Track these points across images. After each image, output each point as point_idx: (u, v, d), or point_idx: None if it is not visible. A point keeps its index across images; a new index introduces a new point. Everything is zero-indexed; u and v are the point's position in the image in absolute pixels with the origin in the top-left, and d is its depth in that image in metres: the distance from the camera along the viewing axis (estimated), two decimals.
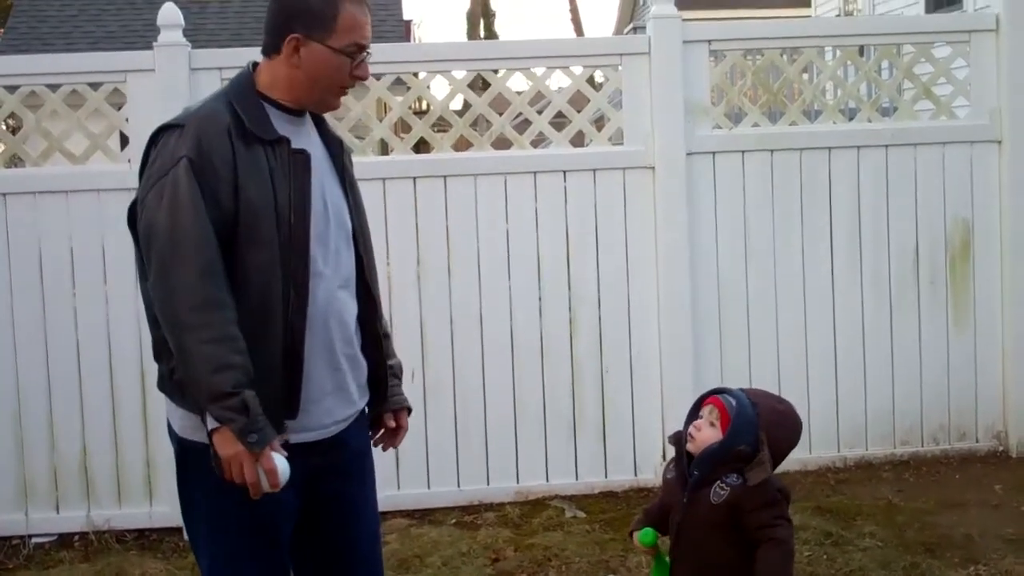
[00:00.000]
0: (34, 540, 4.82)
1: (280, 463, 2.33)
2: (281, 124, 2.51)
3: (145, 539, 4.82)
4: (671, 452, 2.98)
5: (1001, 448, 5.45)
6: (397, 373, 2.80)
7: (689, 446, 2.85)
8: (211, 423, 2.35)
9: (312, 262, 2.47)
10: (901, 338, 5.39)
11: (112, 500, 4.91)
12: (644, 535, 2.90)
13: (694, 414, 2.90)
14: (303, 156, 2.49)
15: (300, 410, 2.47)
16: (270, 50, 2.55)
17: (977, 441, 5.47)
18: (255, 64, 2.60)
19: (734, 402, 2.83)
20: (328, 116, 2.76)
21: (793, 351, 5.32)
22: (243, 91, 2.53)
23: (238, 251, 2.41)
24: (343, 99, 5.10)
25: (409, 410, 2.81)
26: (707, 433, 2.82)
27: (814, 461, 5.28)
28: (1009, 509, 4.76)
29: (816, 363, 5.34)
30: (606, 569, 4.27)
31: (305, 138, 2.57)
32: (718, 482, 2.78)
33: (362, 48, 2.55)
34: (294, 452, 2.47)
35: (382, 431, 2.78)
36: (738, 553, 2.79)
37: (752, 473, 2.77)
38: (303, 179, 2.47)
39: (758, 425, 2.82)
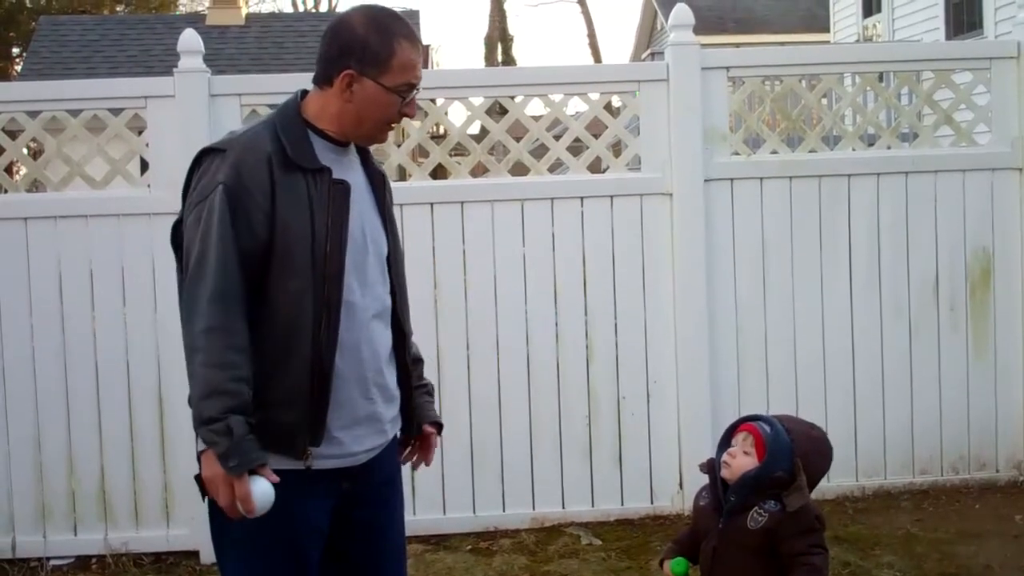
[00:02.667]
0: (52, 562, 4.84)
1: (259, 490, 2.33)
2: (325, 154, 2.54)
3: (162, 562, 4.83)
4: (691, 479, 3.00)
5: (1022, 478, 5.39)
6: (430, 392, 2.84)
7: (724, 473, 2.87)
8: (200, 444, 2.40)
9: (347, 291, 2.50)
10: (920, 366, 5.36)
11: (130, 523, 4.92)
12: (676, 564, 2.91)
13: (726, 442, 2.92)
14: (343, 187, 2.51)
15: (328, 436, 2.49)
16: (321, 80, 2.57)
17: (997, 471, 5.41)
18: (304, 92, 2.62)
19: (769, 429, 2.85)
20: None
21: (811, 378, 5.29)
22: (289, 119, 2.55)
23: (271, 277, 2.44)
24: None
25: (440, 427, 2.84)
26: (742, 460, 2.85)
27: (832, 490, 5.23)
28: None
29: (834, 391, 5.31)
30: None
31: (348, 169, 2.59)
32: (756, 508, 2.81)
33: (413, 87, 2.57)
34: (324, 477, 2.50)
35: (409, 448, 2.80)
36: (773, 572, 2.83)
37: (791, 499, 2.81)
38: (342, 209, 2.50)
39: (793, 451, 2.85)
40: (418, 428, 2.78)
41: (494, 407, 5.10)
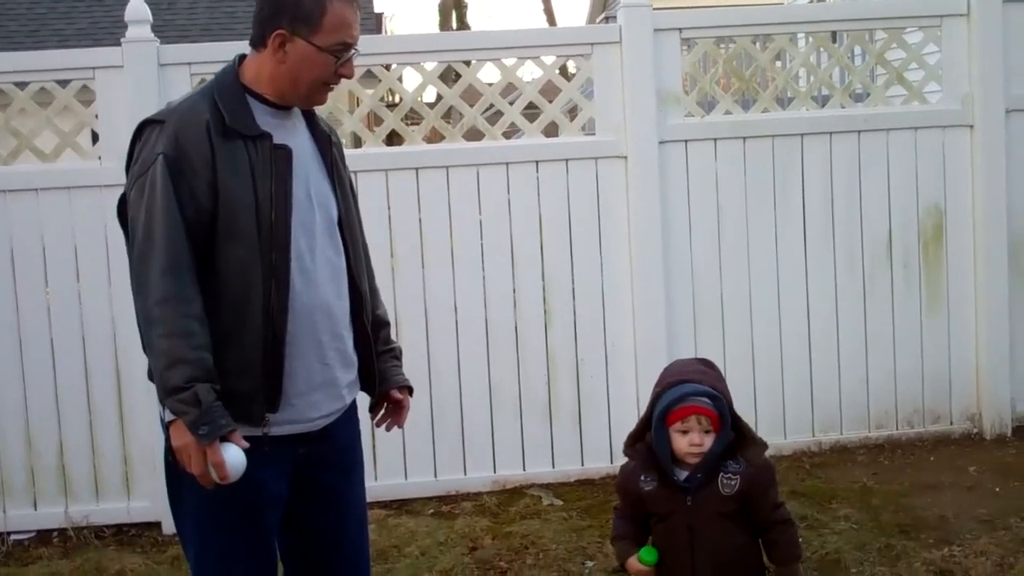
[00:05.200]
0: (13, 537, 4.83)
1: (231, 456, 2.34)
2: (265, 119, 2.52)
3: (124, 534, 4.82)
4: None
5: (975, 430, 5.49)
6: (398, 355, 2.85)
7: (693, 460, 2.83)
8: (168, 415, 2.39)
9: (298, 256, 2.49)
10: (875, 323, 5.43)
11: (90, 496, 4.91)
12: (649, 554, 2.86)
13: (662, 422, 2.82)
14: (285, 151, 2.50)
15: (285, 403, 2.49)
16: (256, 42, 2.55)
17: (952, 424, 5.51)
18: (242, 57, 2.59)
19: (712, 402, 2.81)
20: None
21: (767, 337, 5.35)
22: (227, 85, 2.53)
23: (217, 246, 2.43)
24: None
25: (411, 390, 2.84)
26: (708, 442, 2.81)
27: (789, 446, 5.32)
28: (983, 490, 4.81)
29: (790, 349, 5.37)
30: (583, 556, 4.29)
31: (291, 132, 2.57)
32: (721, 474, 2.82)
33: (348, 47, 2.54)
34: (281, 443, 2.51)
35: (382, 411, 2.80)
36: (751, 538, 2.88)
37: (752, 454, 2.84)
38: (285, 174, 2.48)
39: (731, 405, 2.86)
40: (385, 392, 2.77)
41: (453, 372, 5.12)
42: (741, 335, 5.33)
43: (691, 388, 2.83)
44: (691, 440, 2.81)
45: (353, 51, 2.57)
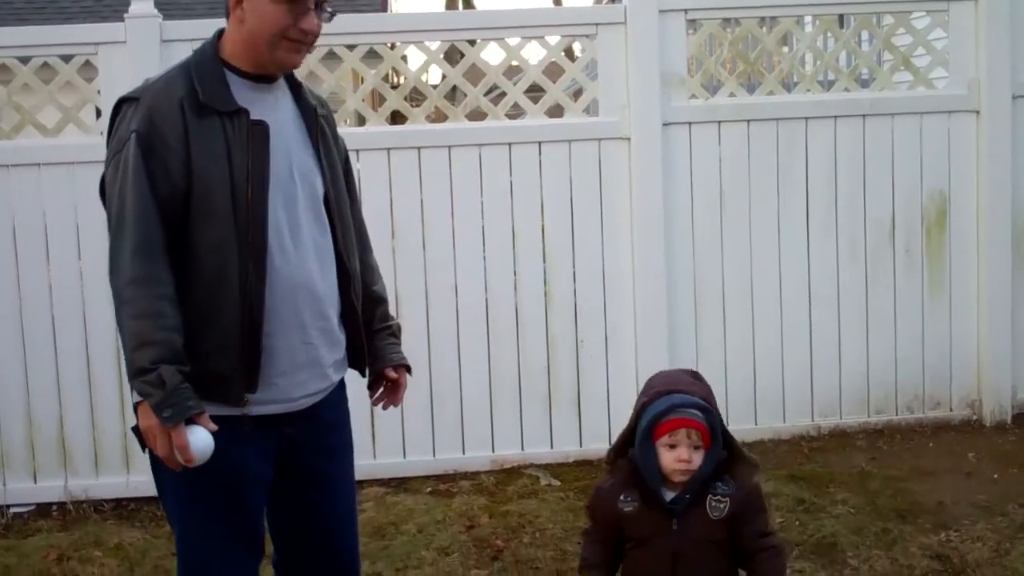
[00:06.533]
0: (12, 510, 4.85)
1: (196, 439, 2.31)
2: (243, 93, 2.47)
3: (123, 508, 4.84)
4: None
5: (975, 417, 5.48)
6: (395, 333, 2.80)
7: (681, 478, 2.57)
8: (135, 396, 2.37)
9: (275, 235, 2.45)
10: (876, 308, 5.42)
11: (89, 470, 4.93)
12: None
13: (649, 435, 2.57)
14: (262, 128, 2.45)
15: (266, 383, 2.46)
16: (225, 11, 2.51)
17: (951, 410, 5.50)
18: (221, 32, 2.55)
19: (704, 415, 2.57)
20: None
21: (768, 321, 5.34)
22: (204, 61, 2.48)
23: (193, 224, 2.39)
24: (316, 71, 5.05)
25: (408, 369, 2.80)
26: (697, 459, 2.56)
27: (788, 430, 5.32)
28: (982, 477, 4.80)
29: (791, 333, 5.36)
30: (580, 535, 4.29)
31: (272, 106, 2.52)
32: (709, 496, 2.57)
33: None
34: (263, 423, 2.48)
35: (382, 390, 2.77)
36: (732, 565, 2.63)
37: (742, 475, 2.61)
38: (262, 151, 2.43)
39: (722, 421, 2.62)
40: (380, 371, 2.74)
41: (453, 353, 5.12)
42: (742, 318, 5.32)
43: (680, 399, 2.57)
44: (679, 456, 2.54)
45: (315, 5, 2.47)
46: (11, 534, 4.63)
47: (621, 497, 2.62)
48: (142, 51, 4.77)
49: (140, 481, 4.86)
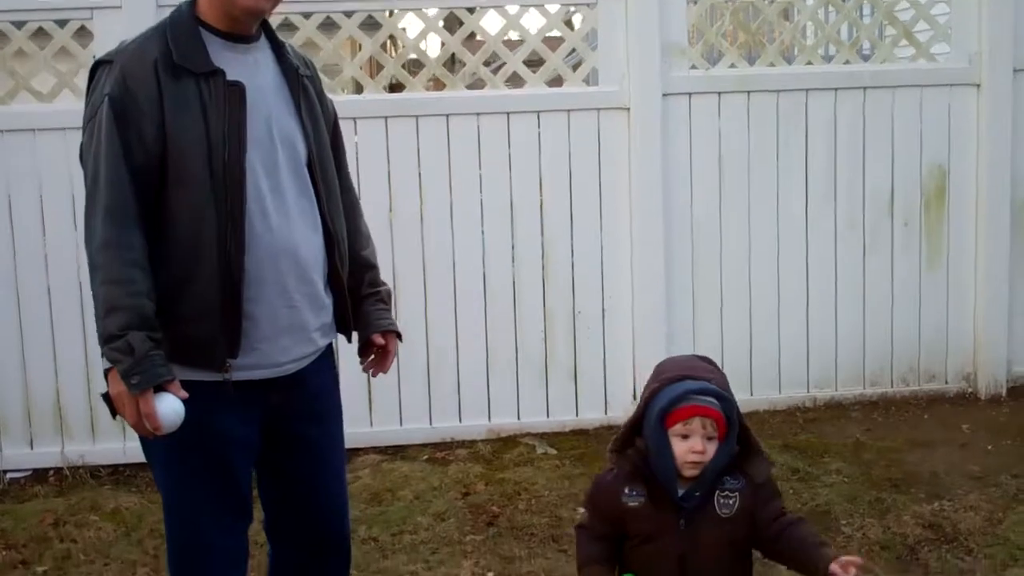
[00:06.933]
0: (9, 475, 4.85)
1: (165, 406, 2.28)
2: (220, 53, 2.41)
3: (119, 474, 4.85)
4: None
5: (970, 390, 5.50)
6: (384, 299, 2.76)
7: (692, 472, 2.36)
8: (105, 363, 2.35)
9: (257, 197, 2.40)
10: (874, 280, 5.42)
11: (86, 436, 4.93)
12: None
13: (661, 424, 2.35)
14: (238, 88, 2.39)
15: (249, 348, 2.43)
16: None
17: (947, 383, 5.52)
18: None
19: (720, 403, 2.35)
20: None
21: (766, 292, 5.34)
22: (180, 21, 2.42)
23: (169, 188, 2.35)
24: (314, 38, 5.00)
25: (399, 335, 2.76)
26: (711, 450, 2.35)
27: (783, 401, 5.34)
28: (976, 448, 4.82)
29: (788, 304, 5.37)
30: (575, 502, 4.31)
31: (250, 68, 2.45)
32: (718, 492, 2.38)
33: None
34: (248, 389, 2.45)
35: (372, 357, 2.74)
36: (747, 557, 2.46)
37: (756, 468, 2.39)
38: (238, 112, 2.38)
39: (739, 410, 2.41)
40: (379, 335, 2.71)
41: (450, 323, 5.12)
42: (739, 289, 5.32)
43: (696, 386, 2.36)
44: (691, 446, 2.33)
45: None
46: (7, 499, 4.64)
47: (626, 490, 2.41)
48: (137, 16, 4.70)
49: (136, 447, 4.70)
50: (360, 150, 4.92)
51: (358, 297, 2.71)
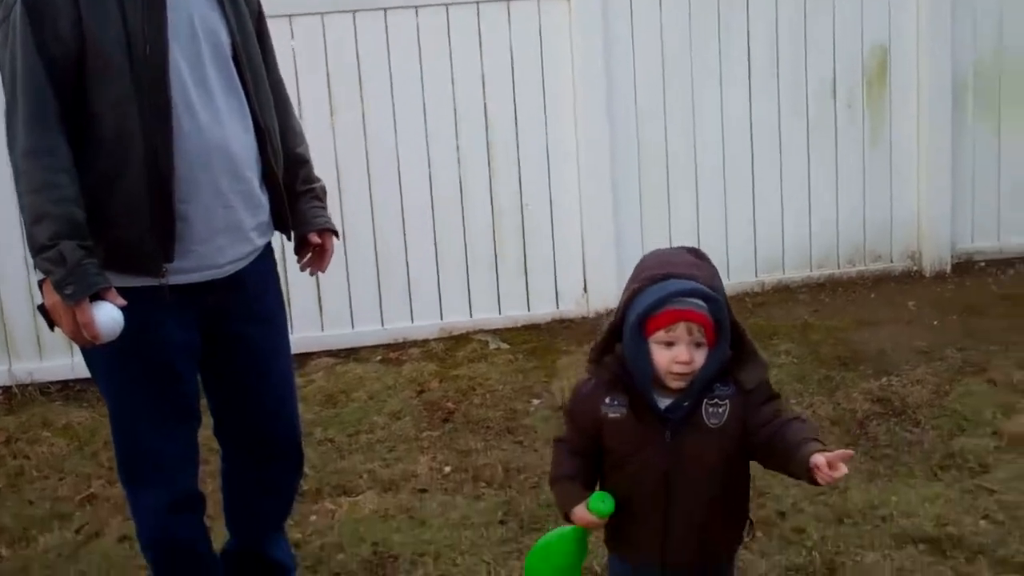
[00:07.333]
0: None
1: (103, 315, 2.23)
2: None
3: (69, 390, 4.79)
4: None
5: (915, 268, 5.58)
6: (319, 195, 2.70)
7: (678, 384, 2.10)
8: (38, 273, 2.29)
9: (182, 92, 2.32)
10: (818, 165, 5.44)
11: (33, 354, 4.86)
12: (602, 502, 2.14)
13: (640, 329, 2.08)
14: None
15: (184, 251, 2.37)
16: None
17: (892, 262, 5.60)
18: None
19: (708, 304, 2.07)
20: None
21: (712, 182, 5.35)
22: None
23: (90, 86, 2.27)
24: None
25: (335, 233, 2.72)
26: (700, 359, 2.08)
27: (732, 287, 5.26)
28: (922, 324, 4.91)
29: (734, 192, 5.38)
30: (529, 395, 4.35)
31: None
32: (705, 401, 2.12)
33: None
34: (185, 292, 2.40)
35: (309, 255, 2.70)
36: (740, 486, 2.24)
37: (748, 375, 2.13)
38: (157, 3, 2.29)
39: (731, 311, 2.14)
40: (315, 233, 2.66)
41: (397, 223, 5.07)
42: (686, 180, 5.32)
43: (680, 286, 2.07)
44: (676, 355, 2.07)
45: None
46: None
47: (606, 400, 2.16)
48: None
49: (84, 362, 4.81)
50: (297, 49, 4.80)
51: (293, 194, 2.65)
